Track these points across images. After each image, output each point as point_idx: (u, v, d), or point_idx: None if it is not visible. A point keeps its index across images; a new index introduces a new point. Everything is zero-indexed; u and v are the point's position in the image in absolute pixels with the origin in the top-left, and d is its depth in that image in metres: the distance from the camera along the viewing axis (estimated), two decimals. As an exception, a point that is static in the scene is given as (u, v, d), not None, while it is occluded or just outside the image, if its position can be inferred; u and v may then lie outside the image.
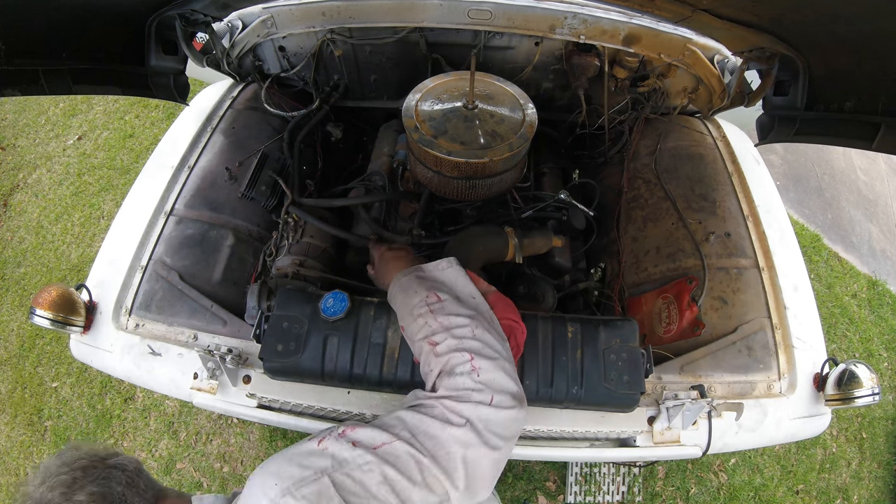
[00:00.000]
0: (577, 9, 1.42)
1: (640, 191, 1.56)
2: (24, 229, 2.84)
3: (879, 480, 2.18)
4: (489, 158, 1.23)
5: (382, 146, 1.67)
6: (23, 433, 2.22)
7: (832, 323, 2.50)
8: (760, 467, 2.10)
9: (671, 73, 1.55)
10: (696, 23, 1.07)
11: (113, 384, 2.25)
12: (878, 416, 2.30)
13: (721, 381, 1.14)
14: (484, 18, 1.46)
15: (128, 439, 2.14)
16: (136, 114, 3.22)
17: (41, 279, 2.62)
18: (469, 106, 1.31)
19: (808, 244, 2.76)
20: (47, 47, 0.99)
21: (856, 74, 0.94)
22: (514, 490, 1.98)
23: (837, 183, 3.18)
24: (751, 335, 1.19)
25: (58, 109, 3.37)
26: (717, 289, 1.27)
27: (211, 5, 1.26)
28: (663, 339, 1.26)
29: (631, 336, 0.99)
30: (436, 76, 1.44)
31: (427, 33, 1.61)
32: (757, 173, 1.49)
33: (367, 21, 1.52)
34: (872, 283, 2.72)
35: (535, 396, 0.97)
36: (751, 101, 1.32)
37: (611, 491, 1.97)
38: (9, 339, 2.48)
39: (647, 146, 1.63)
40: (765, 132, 1.21)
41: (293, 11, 1.52)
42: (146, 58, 1.21)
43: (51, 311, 1.13)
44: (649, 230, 1.47)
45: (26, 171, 3.09)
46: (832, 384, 1.10)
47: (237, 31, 1.53)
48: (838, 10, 0.76)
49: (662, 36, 1.41)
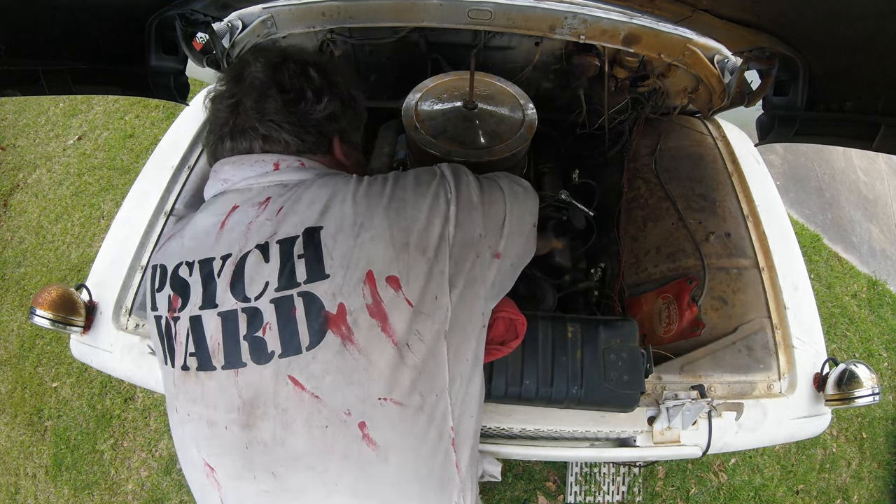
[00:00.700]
0: (578, 9, 1.42)
1: (640, 191, 1.56)
2: (24, 229, 2.84)
3: (879, 480, 2.18)
4: (489, 158, 1.23)
5: (382, 146, 1.67)
6: (23, 433, 2.22)
7: (832, 323, 2.50)
8: (760, 467, 2.10)
9: (671, 73, 1.55)
10: (696, 23, 1.07)
11: (113, 384, 2.25)
12: (878, 416, 2.30)
13: (721, 381, 1.14)
14: (484, 18, 1.46)
15: (128, 439, 2.14)
16: (136, 114, 3.22)
17: (41, 279, 2.62)
18: (469, 106, 1.31)
19: (808, 244, 2.76)
20: (47, 47, 0.99)
21: (856, 74, 0.94)
22: (514, 490, 1.98)
23: (837, 183, 3.18)
24: (751, 335, 1.19)
25: (58, 109, 3.37)
26: (717, 289, 1.27)
27: (211, 5, 1.25)
28: (663, 339, 1.26)
29: (631, 336, 0.99)
30: (436, 76, 1.44)
31: (427, 33, 1.61)
32: (757, 173, 1.49)
33: (367, 21, 1.52)
34: (872, 283, 2.72)
35: (535, 396, 0.97)
36: (751, 101, 1.31)
37: (611, 491, 1.97)
38: (9, 339, 2.48)
39: (647, 146, 1.63)
40: (765, 132, 1.21)
41: (293, 11, 1.52)
42: (146, 58, 1.21)
43: (51, 311, 1.13)
44: (649, 230, 1.47)
45: (26, 171, 3.09)
46: (832, 384, 1.10)
47: (237, 31, 1.53)
48: (838, 10, 0.76)
49: (662, 36, 1.41)
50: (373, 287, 0.61)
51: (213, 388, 0.64)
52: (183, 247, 0.71)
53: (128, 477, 2.06)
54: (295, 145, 0.75)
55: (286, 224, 0.65)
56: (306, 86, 0.77)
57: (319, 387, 0.61)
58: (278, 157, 0.73)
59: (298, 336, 0.61)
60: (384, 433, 0.62)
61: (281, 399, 0.61)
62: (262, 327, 0.62)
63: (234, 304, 0.64)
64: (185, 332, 0.66)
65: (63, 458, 2.12)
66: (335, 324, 0.61)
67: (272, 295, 0.63)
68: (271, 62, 0.77)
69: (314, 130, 0.77)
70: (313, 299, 0.61)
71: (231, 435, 0.64)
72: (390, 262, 0.63)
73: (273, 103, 0.74)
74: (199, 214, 0.74)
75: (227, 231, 0.68)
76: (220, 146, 0.76)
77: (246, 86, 0.76)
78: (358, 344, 0.61)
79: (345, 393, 0.61)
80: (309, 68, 0.78)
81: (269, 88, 0.75)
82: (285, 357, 0.61)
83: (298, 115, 0.75)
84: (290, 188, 0.70)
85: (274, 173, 0.72)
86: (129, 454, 2.10)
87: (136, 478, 2.05)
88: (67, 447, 2.14)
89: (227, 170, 0.74)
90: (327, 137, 0.79)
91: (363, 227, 0.64)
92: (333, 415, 0.61)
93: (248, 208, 0.69)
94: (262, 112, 0.74)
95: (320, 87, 0.78)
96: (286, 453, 0.62)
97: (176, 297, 0.68)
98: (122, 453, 2.11)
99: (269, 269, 0.63)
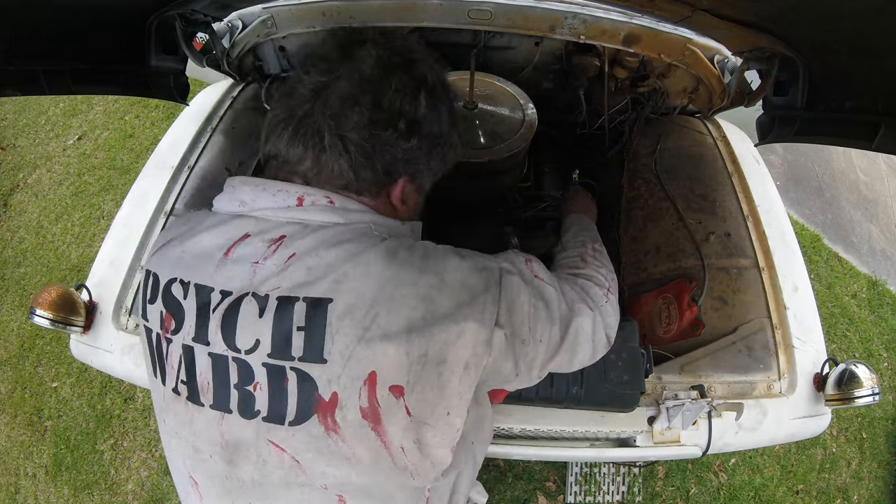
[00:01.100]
0: (578, 9, 1.42)
1: (640, 191, 1.56)
2: (24, 229, 2.84)
3: (879, 480, 2.19)
4: (489, 158, 1.23)
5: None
6: (23, 433, 2.22)
7: (832, 323, 2.50)
8: (760, 467, 2.10)
9: (671, 73, 1.55)
10: (696, 23, 1.07)
11: (113, 384, 2.25)
12: (878, 416, 2.30)
13: (721, 381, 1.14)
14: (484, 18, 1.46)
15: (128, 439, 2.14)
16: (136, 114, 3.22)
17: (41, 279, 2.62)
18: (469, 106, 1.31)
19: (808, 244, 2.76)
20: (47, 47, 0.99)
21: (856, 74, 0.94)
22: (514, 490, 1.98)
23: (837, 183, 3.18)
24: (751, 335, 1.19)
25: (58, 109, 3.37)
26: (717, 289, 1.27)
27: (211, 5, 1.25)
28: (663, 339, 1.26)
29: (631, 336, 0.99)
30: (436, 76, 1.44)
31: (427, 33, 1.61)
32: (757, 173, 1.49)
33: (368, 21, 1.52)
34: (872, 283, 2.72)
35: (535, 396, 0.97)
36: (751, 101, 1.31)
37: (611, 491, 1.97)
38: (9, 339, 2.48)
39: (647, 146, 1.63)
40: (765, 132, 1.21)
41: (293, 11, 1.52)
42: (146, 58, 1.21)
43: (51, 311, 1.13)
44: (649, 230, 1.47)
45: (26, 171, 3.09)
46: (832, 384, 1.10)
47: (237, 31, 1.53)
48: (838, 10, 0.76)
49: (662, 36, 1.41)
50: (372, 390, 0.55)
51: (200, 420, 0.62)
52: (181, 259, 0.63)
53: (128, 477, 2.06)
54: (343, 181, 0.64)
55: (293, 279, 0.57)
56: (406, 111, 0.64)
57: (299, 454, 0.58)
58: (304, 189, 0.62)
59: (286, 407, 0.57)
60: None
61: (262, 453, 0.59)
62: (252, 384, 0.58)
63: (224, 350, 0.59)
64: (179, 358, 0.62)
65: (63, 458, 2.12)
66: (323, 412, 0.56)
67: (264, 359, 0.57)
68: (388, 60, 0.65)
69: (380, 167, 0.64)
70: (308, 378, 0.56)
71: (214, 464, 0.62)
72: (398, 371, 0.55)
73: (357, 115, 0.62)
74: (205, 229, 0.65)
75: (230, 262, 0.60)
76: (276, 136, 0.65)
77: (346, 71, 0.64)
78: (343, 436, 0.56)
79: (324, 470, 0.58)
80: (421, 90, 0.66)
81: (364, 94, 0.63)
82: (268, 422, 0.58)
83: (375, 141, 0.63)
84: (310, 230, 0.60)
85: (296, 209, 0.61)
86: (129, 454, 2.10)
87: (136, 478, 2.05)
88: (67, 447, 2.14)
89: (247, 191, 0.64)
90: (392, 178, 0.67)
91: (377, 319, 0.54)
92: (312, 480, 0.59)
93: (258, 242, 0.60)
94: (340, 116, 0.62)
95: (418, 118, 0.65)
96: (263, 494, 0.61)
97: (169, 316, 0.62)
98: (122, 453, 2.11)
99: (262, 327, 0.57)
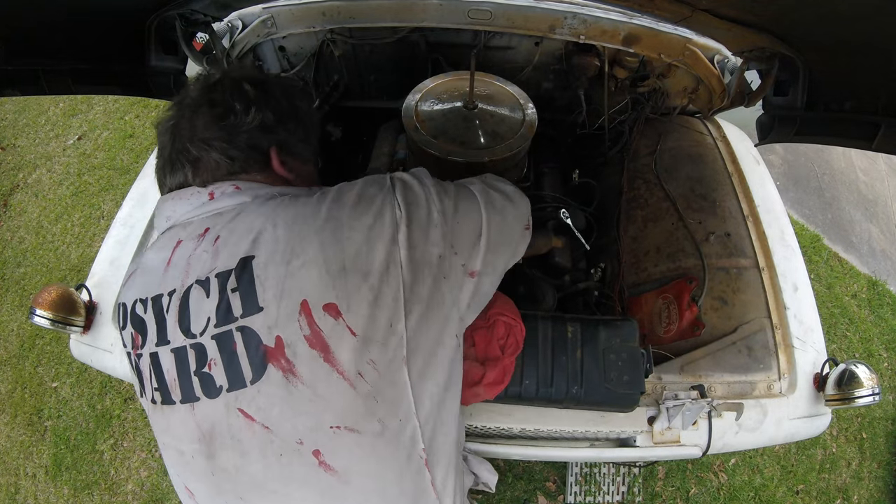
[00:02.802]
0: (577, 9, 1.42)
1: (640, 191, 1.56)
2: (24, 229, 2.84)
3: (879, 480, 2.18)
4: (489, 158, 1.23)
5: (382, 146, 1.67)
6: (23, 433, 2.22)
7: (832, 323, 2.50)
8: (760, 467, 2.10)
9: (671, 73, 1.55)
10: (696, 23, 1.07)
11: (113, 384, 2.25)
12: (878, 416, 2.30)
13: (721, 381, 1.14)
14: (484, 18, 1.46)
15: (128, 439, 2.14)
16: (136, 114, 3.22)
17: (41, 279, 2.62)
18: (469, 106, 1.31)
19: (808, 244, 2.76)
20: (47, 47, 0.99)
21: (856, 74, 0.94)
22: (514, 490, 1.98)
23: (837, 183, 3.18)
24: (751, 335, 1.19)
25: (58, 109, 3.37)
26: (717, 289, 1.27)
27: (211, 5, 1.26)
28: (663, 339, 1.26)
29: (631, 336, 0.99)
30: (436, 76, 1.44)
31: (427, 33, 1.61)
32: (757, 173, 1.49)
33: (367, 21, 1.52)
34: (872, 283, 2.72)
35: (535, 396, 0.97)
36: (751, 101, 1.32)
37: (611, 491, 1.97)
38: (9, 339, 2.48)
39: (647, 146, 1.63)
40: (765, 132, 1.21)
41: (293, 11, 1.52)
42: (146, 58, 1.21)
43: (51, 311, 1.13)
44: (649, 230, 1.47)
45: (26, 171, 3.09)
46: (832, 384, 1.10)
47: (237, 31, 1.53)
48: (838, 10, 0.76)
49: (662, 36, 1.41)
50: (309, 317, 0.59)
51: (176, 420, 0.66)
52: (136, 284, 0.72)
53: (128, 477, 2.06)
54: (225, 166, 0.73)
55: (222, 256, 0.64)
56: (236, 99, 0.75)
57: (268, 418, 0.60)
58: (212, 186, 0.71)
59: (242, 369, 0.61)
60: (341, 460, 0.61)
61: (235, 430, 0.62)
62: (207, 363, 0.62)
63: (183, 341, 0.64)
64: (148, 368, 0.67)
65: (63, 458, 2.12)
66: (274, 357, 0.59)
67: (212, 331, 0.62)
68: (207, 82, 0.78)
69: (244, 145, 0.74)
70: (251, 334, 0.60)
71: (197, 464, 0.65)
72: (325, 289, 0.60)
73: (202, 119, 0.73)
74: (150, 250, 0.74)
75: (172, 267, 0.68)
76: (163, 177, 0.76)
77: (183, 107, 0.76)
78: (301, 376, 0.59)
79: (294, 423, 0.60)
80: (244, 83, 0.77)
81: (200, 106, 0.74)
82: (232, 391, 0.61)
83: (227, 129, 0.73)
84: (227, 215, 0.68)
85: (210, 203, 0.70)
86: (129, 454, 2.10)
87: (136, 478, 2.05)
88: (67, 447, 2.14)
89: (169, 206, 0.73)
90: (261, 151, 0.76)
91: (294, 253, 0.61)
92: (286, 444, 0.61)
93: (188, 242, 0.68)
94: (193, 129, 0.73)
95: (252, 98, 0.76)
96: (249, 480, 0.63)
97: (137, 334, 0.69)
98: (122, 453, 2.11)
99: (210, 305, 0.63)
